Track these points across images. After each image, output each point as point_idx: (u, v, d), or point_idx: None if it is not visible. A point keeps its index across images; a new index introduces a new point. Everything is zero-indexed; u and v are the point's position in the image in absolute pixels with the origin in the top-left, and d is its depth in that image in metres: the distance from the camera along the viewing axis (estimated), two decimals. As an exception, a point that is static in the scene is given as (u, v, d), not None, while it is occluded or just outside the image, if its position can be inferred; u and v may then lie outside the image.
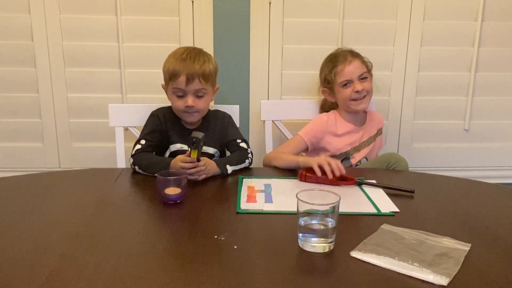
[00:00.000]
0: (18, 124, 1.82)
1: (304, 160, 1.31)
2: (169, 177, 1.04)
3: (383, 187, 1.15)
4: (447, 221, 0.97)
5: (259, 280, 0.72)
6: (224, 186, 1.23)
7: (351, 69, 1.52)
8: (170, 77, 1.33)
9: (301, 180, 1.23)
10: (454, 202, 1.09)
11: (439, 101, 1.91)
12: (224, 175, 1.27)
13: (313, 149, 1.54)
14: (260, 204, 1.04)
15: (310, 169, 1.23)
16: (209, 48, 1.79)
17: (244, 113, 1.81)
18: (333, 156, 1.54)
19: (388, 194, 1.12)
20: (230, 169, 1.28)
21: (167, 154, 1.39)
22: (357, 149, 1.57)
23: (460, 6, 1.81)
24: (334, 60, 1.56)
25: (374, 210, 1.02)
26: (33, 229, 0.91)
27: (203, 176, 1.22)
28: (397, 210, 1.02)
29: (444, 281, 0.71)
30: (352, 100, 1.52)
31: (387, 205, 1.05)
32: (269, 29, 1.78)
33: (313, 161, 1.23)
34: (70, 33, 1.75)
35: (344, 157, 1.56)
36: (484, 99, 1.91)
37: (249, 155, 1.38)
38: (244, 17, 1.77)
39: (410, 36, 1.82)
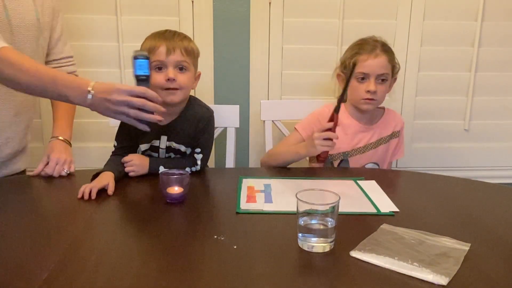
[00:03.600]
0: (18, 124, 1.82)
1: (305, 151, 1.30)
2: (171, 176, 1.04)
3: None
4: (447, 221, 0.97)
5: (259, 280, 0.72)
6: (223, 186, 1.23)
7: (373, 64, 1.36)
8: (149, 52, 1.18)
9: (319, 161, 1.30)
10: (454, 202, 1.09)
11: (439, 101, 1.91)
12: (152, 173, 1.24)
13: None
14: (260, 204, 1.04)
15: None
16: (209, 48, 1.79)
17: (244, 113, 1.81)
18: (330, 155, 1.41)
19: (388, 194, 1.12)
20: (162, 169, 1.24)
21: (139, 153, 1.33)
22: (360, 150, 1.44)
23: (460, 6, 1.81)
24: (360, 47, 1.41)
25: (374, 210, 1.02)
26: (33, 229, 0.91)
27: (132, 173, 1.23)
28: (396, 210, 1.02)
29: (443, 280, 0.71)
30: (362, 99, 1.39)
31: (386, 205, 1.05)
32: (269, 29, 1.78)
33: (314, 150, 1.26)
34: (70, 33, 1.75)
35: (342, 159, 1.43)
36: (484, 99, 1.91)
37: (194, 168, 1.28)
38: (244, 17, 1.77)
39: (410, 36, 1.82)
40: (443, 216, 1.00)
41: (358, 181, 1.22)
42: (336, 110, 1.23)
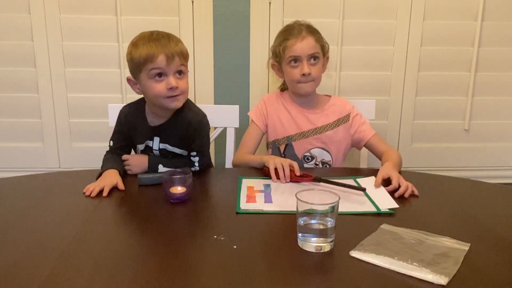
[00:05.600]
0: (18, 124, 1.83)
1: (267, 159, 1.29)
2: (174, 176, 1.05)
3: (336, 184, 1.11)
4: (447, 221, 0.97)
5: (259, 280, 0.72)
6: (223, 186, 1.23)
7: (302, 46, 1.40)
8: (146, 60, 1.17)
9: (265, 174, 1.26)
10: (454, 202, 1.09)
11: (439, 101, 1.91)
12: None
13: (267, 131, 1.52)
14: (259, 204, 1.04)
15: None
16: (209, 48, 1.79)
17: (244, 113, 1.80)
18: (275, 140, 1.50)
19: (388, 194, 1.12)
20: (161, 168, 1.26)
21: (139, 152, 1.36)
22: (304, 135, 1.47)
23: (460, 6, 1.81)
24: (287, 33, 1.44)
25: (373, 209, 1.02)
26: (33, 229, 0.91)
27: (130, 172, 1.26)
28: (396, 206, 1.02)
29: (443, 280, 0.71)
30: (298, 82, 1.43)
31: (386, 202, 1.05)
32: (269, 29, 1.78)
33: (271, 163, 1.23)
34: (70, 33, 1.75)
35: (287, 143, 1.48)
36: (484, 99, 1.91)
37: (193, 168, 1.29)
38: (244, 17, 1.77)
39: (410, 36, 1.82)
40: (443, 216, 1.00)
41: (357, 180, 1.22)
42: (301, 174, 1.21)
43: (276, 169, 1.22)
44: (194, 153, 1.30)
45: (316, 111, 1.50)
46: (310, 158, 1.49)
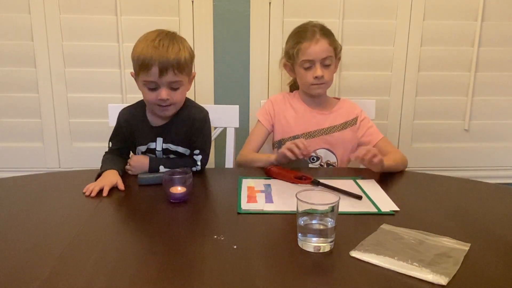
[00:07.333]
0: (18, 124, 1.83)
1: (275, 156, 1.30)
2: (174, 176, 1.05)
3: (333, 188, 1.10)
4: (447, 221, 0.97)
5: (259, 280, 0.72)
6: (223, 186, 1.23)
7: (316, 50, 1.40)
8: (141, 67, 1.18)
9: (266, 174, 1.27)
10: (454, 202, 1.09)
11: (439, 101, 1.91)
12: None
13: (273, 131, 1.54)
14: (260, 204, 1.04)
15: (276, 165, 1.29)
16: (209, 48, 1.79)
17: (244, 113, 1.81)
18: (282, 140, 1.51)
19: (388, 194, 1.12)
20: (162, 169, 1.26)
21: (139, 154, 1.35)
22: (310, 135, 1.48)
23: (460, 6, 1.81)
24: (300, 35, 1.44)
25: (374, 209, 1.02)
26: (33, 229, 0.91)
27: (130, 172, 1.26)
28: (397, 208, 1.02)
29: (443, 280, 0.71)
30: (311, 84, 1.44)
31: (387, 204, 1.05)
32: (269, 29, 1.78)
33: (284, 149, 1.25)
34: (70, 33, 1.75)
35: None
36: (484, 99, 1.91)
37: (194, 168, 1.29)
38: (244, 17, 1.77)
39: (410, 36, 1.83)
40: (443, 216, 1.00)
41: (357, 181, 1.22)
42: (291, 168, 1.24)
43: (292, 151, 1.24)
44: (197, 151, 1.30)
45: (324, 112, 1.51)
46: (315, 158, 1.50)
